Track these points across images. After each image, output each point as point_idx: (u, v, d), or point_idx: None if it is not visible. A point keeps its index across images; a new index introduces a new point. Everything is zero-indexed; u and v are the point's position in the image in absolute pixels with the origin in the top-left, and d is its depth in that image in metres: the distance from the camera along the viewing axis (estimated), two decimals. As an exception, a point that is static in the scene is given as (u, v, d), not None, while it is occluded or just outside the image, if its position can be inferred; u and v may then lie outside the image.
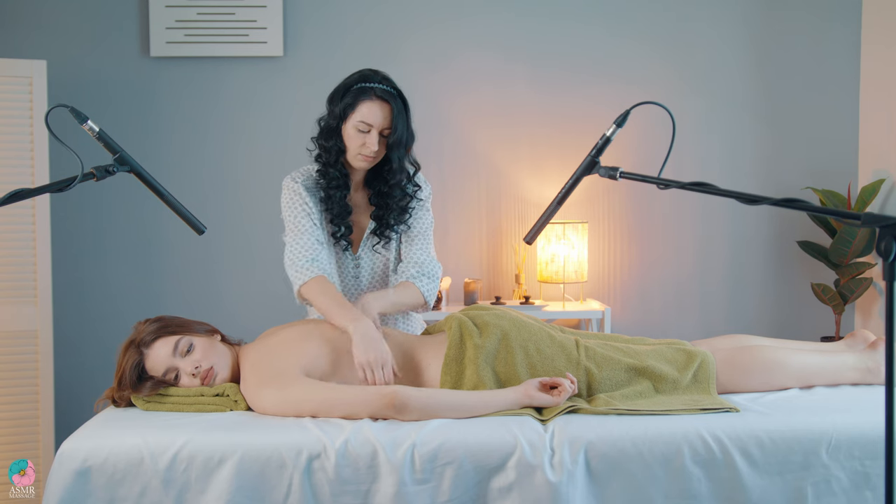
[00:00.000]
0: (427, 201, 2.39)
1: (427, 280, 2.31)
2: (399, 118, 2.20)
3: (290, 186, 2.30)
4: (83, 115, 1.80)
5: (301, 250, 2.22)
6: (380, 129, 2.19)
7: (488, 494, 1.75)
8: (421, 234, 2.36)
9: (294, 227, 2.27)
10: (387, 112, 2.19)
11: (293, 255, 2.23)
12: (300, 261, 2.21)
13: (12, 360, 3.06)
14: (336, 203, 2.28)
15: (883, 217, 1.30)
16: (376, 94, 2.19)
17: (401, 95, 2.23)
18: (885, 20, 3.61)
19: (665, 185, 1.73)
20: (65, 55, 3.53)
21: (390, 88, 2.21)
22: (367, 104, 2.18)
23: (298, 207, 2.27)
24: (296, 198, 2.28)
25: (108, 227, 3.62)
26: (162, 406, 2.01)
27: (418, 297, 2.29)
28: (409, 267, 2.32)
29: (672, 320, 3.80)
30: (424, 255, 2.34)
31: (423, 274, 2.31)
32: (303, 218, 2.26)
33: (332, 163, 2.26)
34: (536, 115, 3.73)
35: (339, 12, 3.64)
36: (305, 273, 2.19)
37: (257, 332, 2.30)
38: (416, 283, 2.29)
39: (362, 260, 2.37)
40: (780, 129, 3.78)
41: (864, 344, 2.28)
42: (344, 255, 2.36)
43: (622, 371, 2.06)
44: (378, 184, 2.30)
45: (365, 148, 2.20)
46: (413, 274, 2.30)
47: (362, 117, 2.18)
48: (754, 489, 1.77)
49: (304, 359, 2.02)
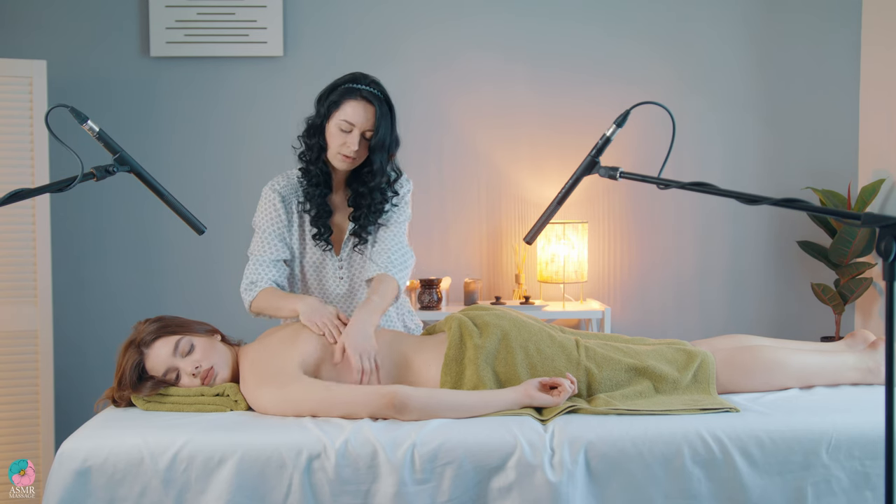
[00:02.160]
0: (406, 195, 2.40)
1: (400, 269, 2.29)
2: (382, 121, 2.20)
3: (266, 196, 2.35)
4: (83, 115, 1.80)
5: (249, 273, 2.32)
6: (362, 129, 2.20)
7: (488, 494, 1.75)
8: (396, 223, 2.36)
9: (257, 242, 2.33)
10: (370, 113, 2.20)
11: (244, 279, 2.32)
12: (245, 283, 2.31)
13: (12, 360, 3.06)
14: (315, 203, 2.30)
15: (883, 217, 1.30)
16: (362, 94, 2.20)
17: (387, 100, 2.25)
18: (885, 21, 3.61)
19: (665, 185, 1.73)
20: (65, 55, 3.53)
21: (377, 91, 2.22)
22: (351, 103, 2.20)
23: (268, 219, 2.33)
24: (269, 208, 2.33)
25: (108, 227, 3.62)
26: (162, 406, 2.01)
27: (395, 288, 2.26)
28: (383, 252, 2.31)
29: (672, 320, 3.80)
30: (396, 244, 2.33)
31: (394, 263, 2.29)
32: (267, 232, 2.32)
33: (314, 160, 2.28)
34: (536, 115, 3.73)
35: (339, 12, 3.64)
36: (250, 294, 2.30)
37: (257, 332, 2.31)
38: (391, 272, 2.26)
39: (345, 261, 2.38)
40: (780, 129, 3.78)
41: (864, 344, 2.28)
42: (326, 258, 2.37)
43: (622, 371, 2.06)
44: (357, 185, 2.31)
45: (345, 147, 2.21)
46: (385, 262, 2.28)
47: (345, 116, 2.20)
48: (754, 489, 1.77)
49: (298, 352, 2.03)
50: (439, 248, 3.71)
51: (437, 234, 3.71)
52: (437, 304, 3.46)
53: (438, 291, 3.47)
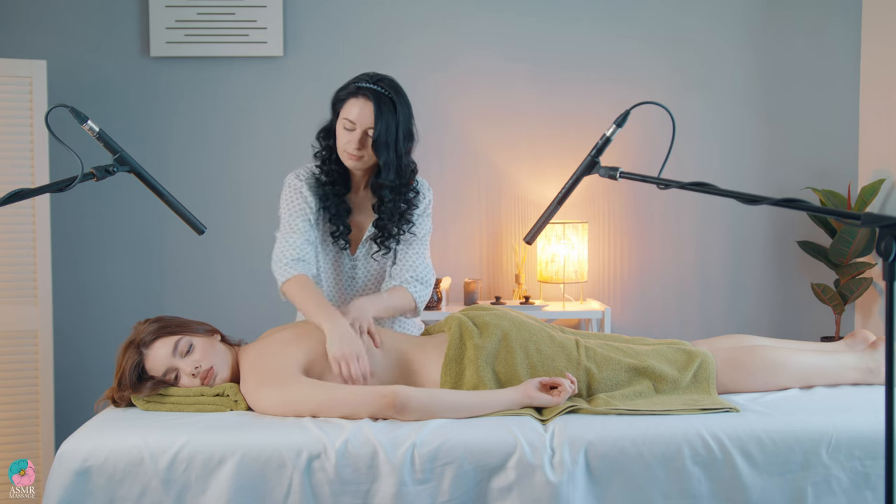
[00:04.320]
0: (429, 207, 2.39)
1: (420, 286, 2.31)
2: (381, 118, 2.17)
3: (292, 184, 2.32)
4: (83, 115, 1.80)
5: (287, 249, 2.24)
6: (363, 127, 2.19)
7: (488, 494, 1.75)
8: (419, 239, 2.36)
9: (287, 225, 2.28)
10: (368, 110, 2.18)
11: (279, 253, 2.25)
12: (284, 258, 2.23)
13: (12, 360, 3.06)
14: (333, 201, 2.29)
15: (883, 217, 1.30)
16: (361, 92, 2.19)
17: (391, 97, 2.20)
18: (885, 20, 3.61)
19: (665, 185, 1.73)
20: (65, 55, 3.53)
21: (379, 88, 2.20)
22: (351, 101, 2.20)
23: (296, 206, 2.28)
24: (296, 196, 2.29)
25: (108, 227, 3.62)
26: (162, 406, 2.01)
27: (410, 303, 2.29)
28: (404, 271, 2.31)
29: (672, 320, 3.80)
30: (419, 260, 2.33)
31: (417, 279, 2.30)
32: (297, 218, 2.27)
33: (328, 159, 2.28)
34: (536, 115, 3.73)
35: (339, 12, 3.64)
36: (288, 271, 2.21)
37: (257, 332, 2.30)
38: (408, 287, 2.28)
39: (359, 262, 2.37)
40: (780, 128, 3.78)
41: (864, 344, 2.28)
42: (342, 256, 2.36)
43: (622, 371, 2.06)
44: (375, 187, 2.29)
45: (348, 145, 2.21)
46: (407, 279, 2.30)
47: (346, 114, 2.20)
48: (754, 489, 1.77)
49: (301, 355, 2.03)
50: (439, 248, 3.70)
51: (437, 233, 3.70)
52: (437, 304, 3.46)
53: (438, 291, 3.47)
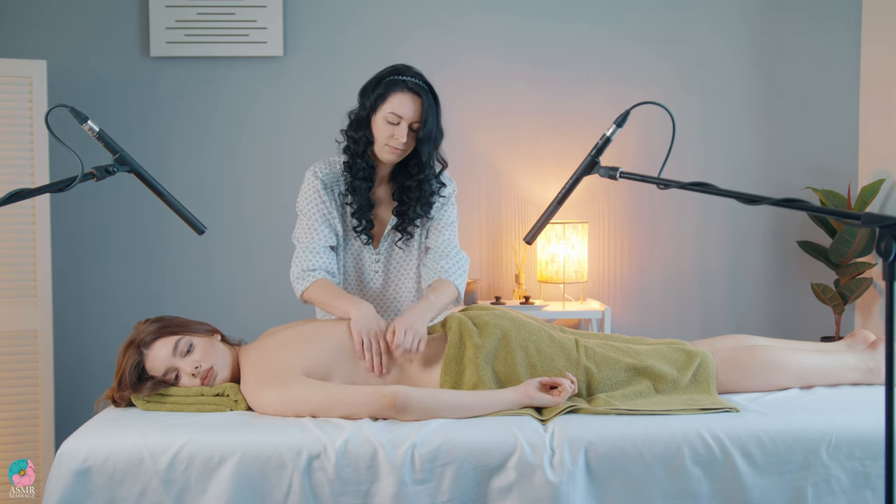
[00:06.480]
0: (452, 196, 2.41)
1: (458, 273, 2.31)
2: (430, 112, 2.21)
3: (309, 181, 2.32)
4: (83, 115, 1.80)
5: (301, 260, 2.26)
6: (409, 121, 2.20)
7: (488, 494, 1.75)
8: (448, 225, 2.38)
9: (304, 229, 2.30)
10: (417, 105, 2.20)
11: (295, 266, 2.27)
12: (298, 271, 2.26)
13: (12, 360, 3.06)
14: (360, 196, 2.28)
15: (883, 217, 1.30)
16: (408, 86, 2.20)
17: (432, 91, 2.24)
18: (885, 20, 3.61)
19: (665, 185, 1.73)
20: (65, 55, 3.53)
21: (422, 83, 2.22)
22: (398, 96, 2.19)
23: (313, 205, 2.29)
24: (312, 195, 2.30)
25: (108, 227, 3.62)
26: (162, 406, 2.01)
27: (453, 293, 2.29)
28: (440, 258, 2.32)
29: (672, 320, 3.80)
30: (452, 246, 2.36)
31: (453, 266, 2.31)
32: (313, 218, 2.28)
33: (360, 154, 2.27)
34: (536, 116, 3.72)
35: (339, 12, 3.64)
36: (303, 283, 2.24)
37: (257, 332, 2.30)
38: (448, 276, 2.29)
39: (383, 255, 2.38)
40: (780, 128, 3.78)
41: (864, 344, 2.28)
42: (366, 250, 2.37)
43: (622, 371, 2.06)
44: (403, 178, 2.31)
45: (393, 139, 2.20)
46: (444, 266, 2.30)
47: (393, 108, 2.19)
48: (754, 489, 1.77)
49: (304, 359, 2.03)
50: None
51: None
52: (437, 304, 3.46)
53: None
